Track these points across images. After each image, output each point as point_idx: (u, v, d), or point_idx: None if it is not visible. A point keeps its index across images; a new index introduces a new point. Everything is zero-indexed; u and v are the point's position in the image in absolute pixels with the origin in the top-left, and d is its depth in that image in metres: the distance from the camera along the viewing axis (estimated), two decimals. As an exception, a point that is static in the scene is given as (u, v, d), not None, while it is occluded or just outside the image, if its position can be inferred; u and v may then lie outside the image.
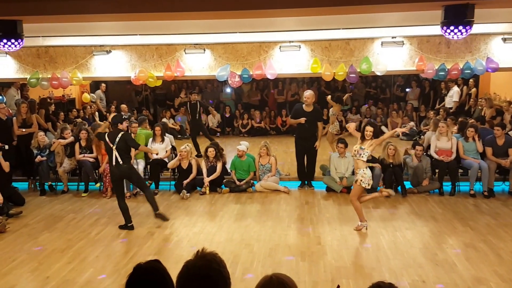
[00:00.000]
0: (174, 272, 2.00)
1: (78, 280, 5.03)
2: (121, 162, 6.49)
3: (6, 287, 4.94)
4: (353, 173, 8.17)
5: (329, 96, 10.26)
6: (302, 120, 8.20)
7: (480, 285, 4.77)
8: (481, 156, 8.08)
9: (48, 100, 10.52)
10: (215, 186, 8.38)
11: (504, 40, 8.22)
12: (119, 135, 6.49)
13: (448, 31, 5.41)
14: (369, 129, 6.07)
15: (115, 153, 6.48)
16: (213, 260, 1.81)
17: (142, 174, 8.42)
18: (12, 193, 7.79)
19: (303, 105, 8.41)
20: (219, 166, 8.36)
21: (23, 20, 5.78)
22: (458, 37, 5.50)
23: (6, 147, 7.92)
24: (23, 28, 5.82)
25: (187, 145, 8.62)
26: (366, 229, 6.33)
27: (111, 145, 6.49)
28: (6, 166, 7.49)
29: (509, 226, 6.43)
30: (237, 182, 8.42)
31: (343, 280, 4.88)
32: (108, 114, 13.01)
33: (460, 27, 5.33)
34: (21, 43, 5.85)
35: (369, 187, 6.22)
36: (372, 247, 5.81)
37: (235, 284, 1.93)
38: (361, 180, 6.10)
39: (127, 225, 6.63)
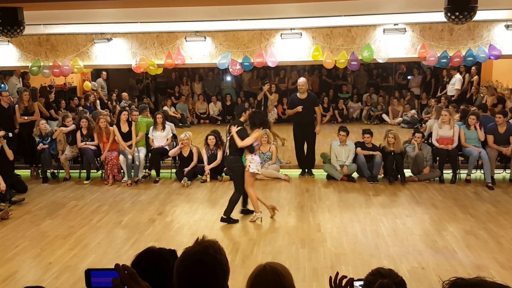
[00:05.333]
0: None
1: (80, 266, 5.08)
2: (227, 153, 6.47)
3: (9, 272, 5.00)
4: (354, 161, 8.21)
5: (266, 86, 9.97)
6: (299, 108, 8.22)
7: (480, 272, 4.76)
8: (482, 144, 8.07)
9: (48, 88, 10.50)
10: (215, 174, 8.41)
11: (507, 27, 8.15)
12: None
13: (452, 16, 5.35)
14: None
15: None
16: (210, 246, 1.81)
17: (143, 162, 8.46)
18: (15, 181, 7.84)
19: (297, 94, 8.42)
20: (219, 154, 8.38)
21: (23, 7, 5.75)
22: (461, 23, 5.45)
23: (10, 134, 7.95)
24: (23, 15, 5.79)
25: (187, 133, 8.64)
26: (261, 221, 6.21)
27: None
28: (10, 154, 7.53)
29: (509, 214, 6.43)
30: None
31: (342, 267, 4.90)
32: (109, 102, 13.01)
33: (464, 13, 5.28)
34: (21, 31, 5.82)
35: (259, 172, 6.31)
36: (372, 234, 5.83)
37: (235, 271, 1.94)
38: (249, 166, 6.14)
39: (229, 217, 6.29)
